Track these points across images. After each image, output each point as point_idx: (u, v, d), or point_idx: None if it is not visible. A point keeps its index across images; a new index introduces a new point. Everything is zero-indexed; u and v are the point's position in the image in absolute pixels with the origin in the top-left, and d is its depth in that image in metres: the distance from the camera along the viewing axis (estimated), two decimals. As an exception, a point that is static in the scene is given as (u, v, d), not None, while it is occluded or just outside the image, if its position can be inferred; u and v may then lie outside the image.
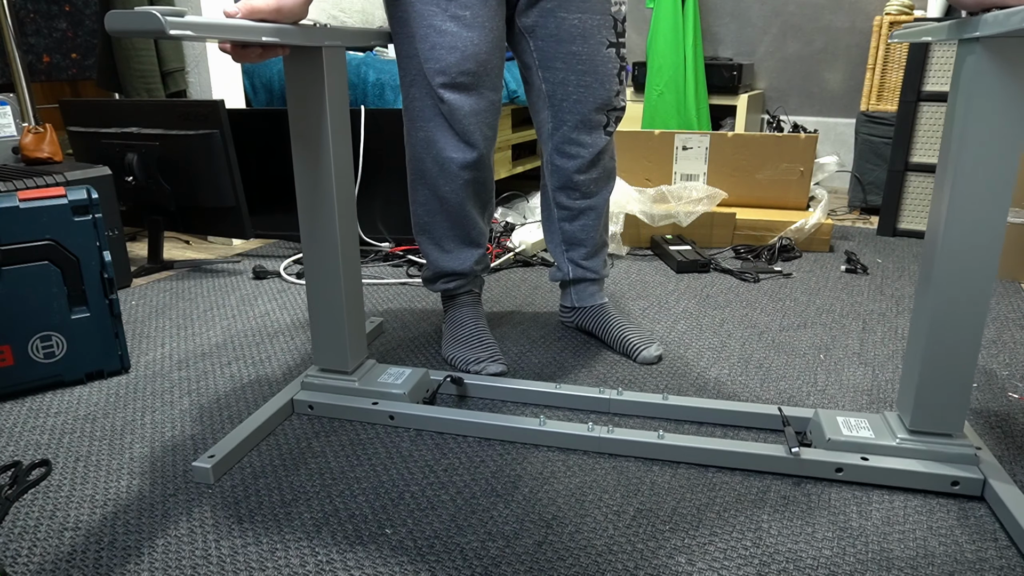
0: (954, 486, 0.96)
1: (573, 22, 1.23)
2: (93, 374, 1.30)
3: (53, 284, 1.22)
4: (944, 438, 0.99)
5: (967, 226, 0.89)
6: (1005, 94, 0.84)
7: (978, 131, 0.86)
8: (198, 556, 0.86)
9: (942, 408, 0.97)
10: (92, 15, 2.93)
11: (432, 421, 1.13)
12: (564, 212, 1.39)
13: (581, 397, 1.19)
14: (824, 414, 1.07)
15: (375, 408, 1.15)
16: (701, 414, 1.16)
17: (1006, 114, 0.85)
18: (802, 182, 2.18)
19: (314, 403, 1.18)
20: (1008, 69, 0.83)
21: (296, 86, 1.04)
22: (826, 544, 0.87)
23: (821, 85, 3.11)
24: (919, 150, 2.18)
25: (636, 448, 1.05)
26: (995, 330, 1.51)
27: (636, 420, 1.17)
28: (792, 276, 1.86)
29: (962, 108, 0.86)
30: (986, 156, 0.87)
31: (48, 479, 1.01)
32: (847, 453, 1.00)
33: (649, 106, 3.04)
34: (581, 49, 1.24)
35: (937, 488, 0.97)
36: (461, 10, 1.15)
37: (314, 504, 0.95)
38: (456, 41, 1.16)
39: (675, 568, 0.83)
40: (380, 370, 1.24)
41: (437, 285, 1.41)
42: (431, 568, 0.84)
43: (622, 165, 2.30)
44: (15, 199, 1.18)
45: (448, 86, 1.18)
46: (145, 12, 0.79)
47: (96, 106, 1.93)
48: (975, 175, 0.88)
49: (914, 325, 0.99)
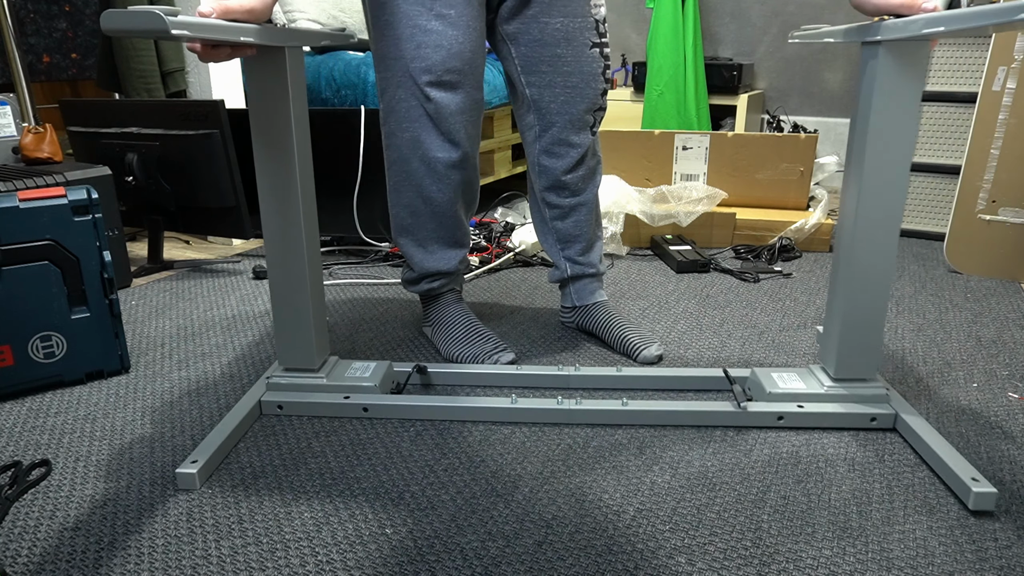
0: (872, 421, 1.13)
1: (556, 26, 1.25)
2: (93, 374, 1.30)
3: (53, 284, 1.22)
4: (862, 383, 1.16)
5: (874, 201, 1.06)
6: (902, 87, 1.00)
7: (881, 119, 1.02)
8: (198, 556, 0.86)
9: (859, 358, 1.14)
10: (92, 15, 2.93)
11: (406, 410, 1.16)
12: (555, 211, 1.41)
13: (542, 376, 1.26)
14: (760, 371, 1.21)
15: (347, 402, 1.17)
16: (654, 382, 1.26)
17: (903, 104, 1.01)
18: (802, 182, 2.18)
19: (283, 403, 1.17)
20: (905, 67, 1.00)
21: (259, 86, 1.05)
22: (826, 544, 0.87)
23: (821, 85, 3.11)
24: (919, 150, 2.17)
25: (604, 416, 1.14)
26: (995, 330, 1.51)
27: (597, 392, 1.25)
28: (792, 276, 1.86)
29: (867, 100, 1.02)
30: (888, 140, 1.03)
31: (48, 479, 1.01)
32: (785, 403, 1.14)
33: (649, 106, 3.03)
34: (566, 52, 1.27)
35: (859, 425, 1.12)
36: (446, 9, 1.17)
37: (314, 504, 0.95)
38: (442, 39, 1.17)
39: (675, 568, 0.83)
40: (345, 366, 1.25)
41: (420, 286, 1.41)
42: (431, 568, 0.84)
43: (622, 165, 2.30)
44: (15, 199, 1.18)
45: (435, 84, 1.19)
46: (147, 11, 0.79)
47: (96, 106, 1.93)
48: (880, 158, 1.04)
49: (832, 291, 1.15)
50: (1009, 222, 1.83)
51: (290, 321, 1.16)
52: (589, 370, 1.26)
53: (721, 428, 1.13)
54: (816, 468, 1.02)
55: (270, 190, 1.10)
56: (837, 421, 1.12)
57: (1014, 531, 0.90)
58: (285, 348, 1.19)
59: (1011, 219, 1.83)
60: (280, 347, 1.19)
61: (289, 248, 1.12)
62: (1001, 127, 1.81)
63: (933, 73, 2.11)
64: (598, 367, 1.27)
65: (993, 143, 1.83)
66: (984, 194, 1.85)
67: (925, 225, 2.21)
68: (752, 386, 1.21)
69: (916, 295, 1.72)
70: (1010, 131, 1.81)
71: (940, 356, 1.39)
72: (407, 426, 1.14)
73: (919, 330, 1.51)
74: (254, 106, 1.06)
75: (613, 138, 2.28)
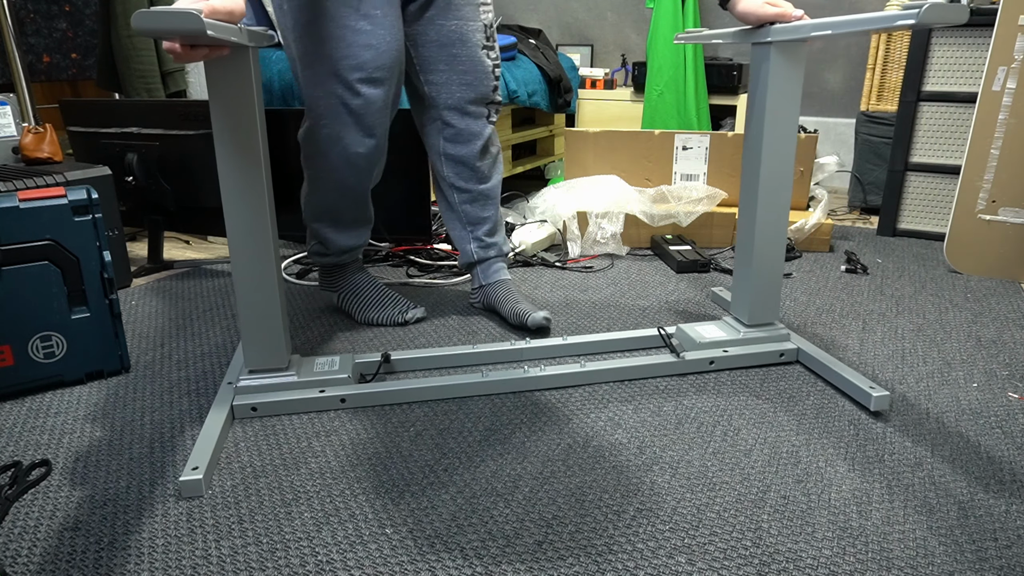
0: (781, 356, 1.34)
1: (452, 27, 1.38)
2: (93, 374, 1.30)
3: (53, 284, 1.22)
4: (770, 327, 1.37)
5: (770, 172, 1.27)
6: (789, 77, 1.23)
7: (775, 101, 1.24)
8: (198, 556, 0.86)
9: (765, 306, 1.36)
10: (92, 15, 2.93)
11: (385, 395, 1.21)
12: (465, 195, 1.52)
13: (497, 351, 1.36)
14: (686, 327, 1.40)
15: (324, 395, 1.19)
16: (599, 346, 1.41)
17: (790, 89, 1.24)
18: (802, 182, 2.18)
19: (256, 404, 1.18)
20: (790, 61, 1.22)
21: (223, 86, 1.04)
22: (826, 544, 0.87)
23: (821, 85, 3.11)
24: (919, 150, 2.18)
25: (567, 379, 1.26)
26: (995, 330, 1.51)
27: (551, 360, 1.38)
28: (792, 276, 1.86)
29: (763, 87, 1.24)
30: (779, 119, 1.25)
31: (48, 479, 1.01)
32: (713, 349, 1.33)
33: (649, 106, 3.04)
34: (461, 51, 1.40)
35: (771, 361, 1.34)
36: (372, 9, 1.26)
37: (314, 504, 0.95)
38: (371, 39, 1.26)
39: (675, 568, 0.83)
40: (310, 362, 1.27)
41: (329, 259, 1.52)
42: (431, 568, 0.84)
43: (622, 165, 2.30)
44: (15, 199, 1.18)
45: (365, 81, 1.28)
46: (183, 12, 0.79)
47: (96, 106, 1.93)
48: (773, 135, 1.25)
49: (740, 251, 1.36)
50: (1009, 222, 1.83)
51: (259, 323, 1.17)
52: (539, 342, 1.39)
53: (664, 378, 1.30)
54: (816, 468, 1.02)
55: (237, 192, 1.09)
56: (754, 360, 1.33)
57: (1014, 531, 0.90)
58: (253, 350, 1.19)
59: (1011, 219, 1.83)
60: (248, 350, 1.19)
61: (257, 249, 1.13)
62: (1001, 127, 1.81)
63: (933, 73, 2.11)
64: (547, 339, 1.41)
65: (993, 143, 1.83)
66: (984, 194, 1.85)
67: (925, 225, 2.21)
68: (683, 340, 1.39)
69: (916, 295, 1.72)
70: (1010, 131, 1.81)
71: (940, 356, 1.39)
72: (407, 426, 1.14)
73: (919, 330, 1.51)
74: (221, 107, 1.05)
75: (613, 138, 2.28)
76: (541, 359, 1.38)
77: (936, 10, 0.90)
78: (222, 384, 1.23)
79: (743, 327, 1.36)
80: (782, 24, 1.18)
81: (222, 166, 1.08)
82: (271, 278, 1.15)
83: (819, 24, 1.09)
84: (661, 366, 1.30)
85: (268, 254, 1.13)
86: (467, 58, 1.41)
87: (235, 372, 1.27)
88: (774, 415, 1.17)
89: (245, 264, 1.13)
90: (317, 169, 1.38)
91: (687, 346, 1.36)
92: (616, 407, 1.20)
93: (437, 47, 1.39)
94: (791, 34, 1.16)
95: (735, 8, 1.25)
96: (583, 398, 1.23)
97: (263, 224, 1.11)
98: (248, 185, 1.09)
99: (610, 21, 3.44)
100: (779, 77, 1.22)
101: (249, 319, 1.17)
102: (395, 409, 1.20)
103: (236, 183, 1.09)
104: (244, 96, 1.05)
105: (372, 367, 1.32)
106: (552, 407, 1.20)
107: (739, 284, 1.37)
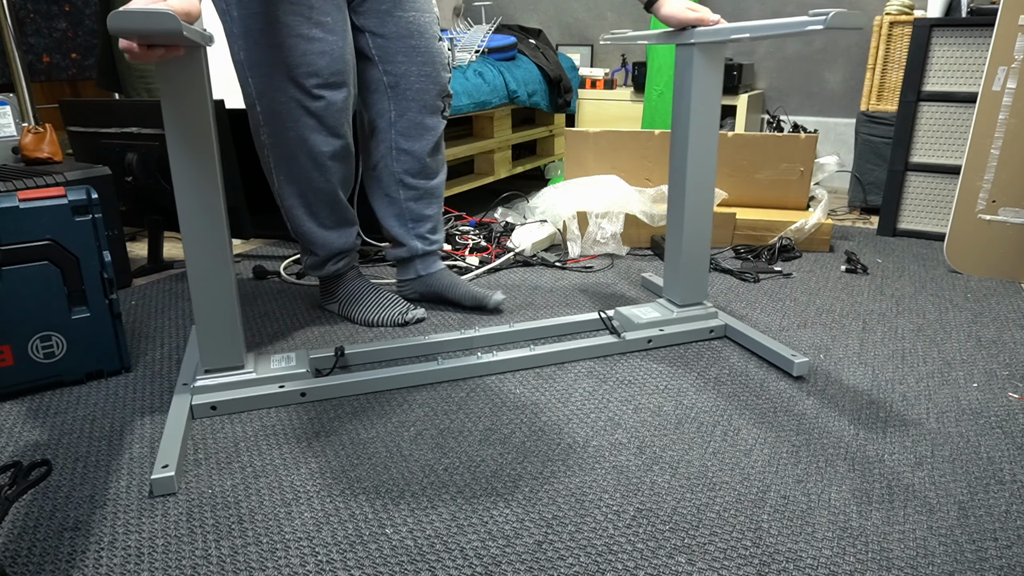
0: (711, 332, 1.46)
1: (409, 19, 1.41)
2: (93, 374, 1.30)
3: (53, 284, 1.22)
4: (699, 306, 1.50)
5: (696, 164, 1.39)
6: (710, 75, 1.36)
7: (699, 98, 1.36)
8: (198, 556, 0.86)
9: (695, 288, 1.48)
10: (92, 15, 2.93)
11: (345, 387, 1.24)
12: (412, 192, 1.54)
13: (448, 341, 1.42)
14: (623, 310, 1.51)
15: (284, 391, 1.21)
16: (545, 331, 1.49)
17: (712, 86, 1.36)
18: (802, 182, 2.18)
19: (216, 403, 1.18)
20: (711, 61, 1.35)
21: (176, 86, 1.05)
22: (826, 544, 0.87)
23: (821, 85, 3.11)
24: (919, 150, 2.18)
25: (519, 363, 1.33)
26: (995, 330, 1.51)
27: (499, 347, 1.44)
28: (792, 276, 1.86)
29: (688, 84, 1.36)
30: (704, 113, 1.37)
31: (48, 479, 1.01)
32: (650, 329, 1.44)
33: (649, 106, 3.03)
34: (420, 43, 1.43)
35: (703, 337, 1.46)
36: (323, 16, 1.28)
37: (314, 504, 0.95)
38: (325, 46, 1.30)
39: (675, 568, 0.83)
40: (265, 359, 1.29)
41: (327, 268, 1.53)
42: (431, 568, 0.84)
43: (622, 165, 2.30)
44: (15, 199, 1.18)
45: (323, 86, 1.31)
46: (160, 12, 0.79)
47: (96, 106, 1.93)
48: (699, 130, 1.37)
49: (670, 239, 1.47)
50: (1009, 222, 1.83)
51: (216, 323, 1.18)
52: (488, 330, 1.45)
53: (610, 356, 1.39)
54: (816, 468, 1.02)
55: (191, 192, 1.10)
56: (687, 337, 1.45)
57: (1014, 531, 0.90)
58: (210, 350, 1.20)
59: (1011, 219, 1.83)
60: (205, 350, 1.20)
61: (214, 249, 1.14)
62: (1001, 127, 1.81)
63: (933, 73, 2.11)
64: (494, 327, 1.47)
65: (993, 143, 1.83)
66: (984, 194, 1.85)
67: (925, 225, 2.21)
68: (623, 321, 1.49)
69: (916, 295, 1.72)
70: (1010, 131, 1.81)
71: (940, 356, 1.39)
72: (407, 426, 1.15)
73: (919, 330, 1.51)
74: (174, 107, 1.05)
75: (613, 138, 2.28)
76: (491, 345, 1.44)
77: (840, 17, 1.02)
78: (177, 386, 1.23)
79: (676, 307, 1.49)
80: (704, 27, 1.30)
81: (175, 166, 1.08)
82: (226, 278, 1.16)
83: (737, 28, 1.22)
84: (605, 347, 1.39)
85: (223, 254, 1.15)
86: (426, 49, 1.44)
87: (188, 374, 1.27)
88: (774, 415, 1.17)
89: (200, 264, 1.15)
90: (287, 175, 1.39)
91: (627, 327, 1.47)
92: (616, 407, 1.20)
93: (396, 38, 1.42)
94: (712, 36, 1.28)
95: (659, 11, 1.35)
96: (584, 396, 1.23)
97: (218, 224, 1.13)
98: (202, 185, 1.10)
99: (610, 21, 3.44)
100: (702, 75, 1.34)
101: (205, 319, 1.18)
102: (395, 409, 1.20)
103: (190, 183, 1.10)
104: (197, 95, 1.06)
105: (326, 362, 1.34)
106: (553, 404, 1.20)
107: (671, 269, 1.49)
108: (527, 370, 1.33)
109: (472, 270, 1.88)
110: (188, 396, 1.19)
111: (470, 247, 2.01)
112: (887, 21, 2.49)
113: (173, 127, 1.06)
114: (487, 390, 1.26)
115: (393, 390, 1.26)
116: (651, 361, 1.36)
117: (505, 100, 2.45)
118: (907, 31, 2.46)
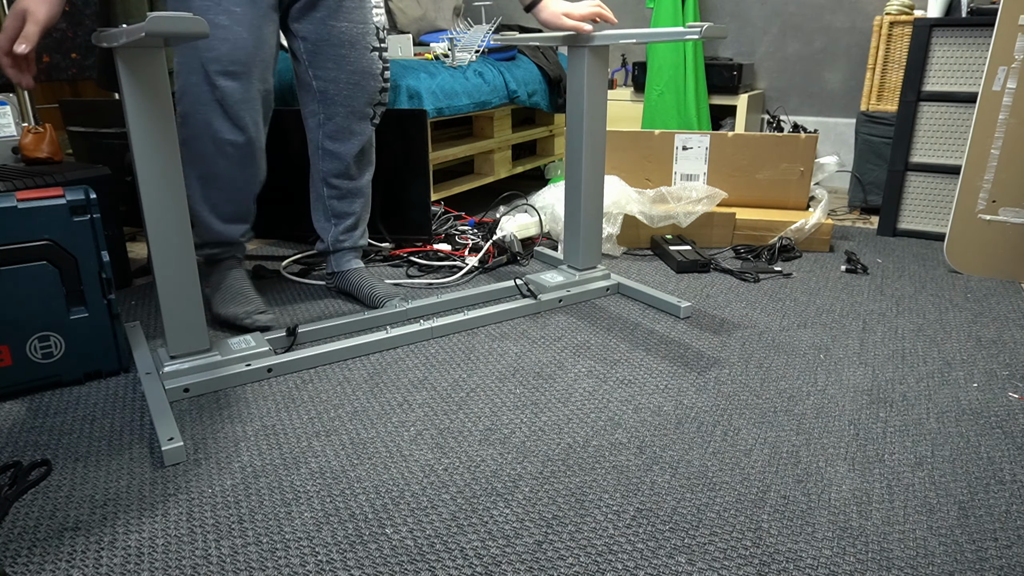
0: (607, 291, 1.73)
1: (342, 29, 1.46)
2: (91, 374, 1.30)
3: (51, 284, 1.22)
4: (595, 270, 1.74)
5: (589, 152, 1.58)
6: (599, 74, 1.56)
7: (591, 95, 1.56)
8: (198, 556, 0.86)
9: (591, 254, 1.73)
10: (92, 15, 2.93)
11: (306, 360, 1.34)
12: (334, 191, 1.62)
13: (387, 315, 1.54)
14: (533, 276, 1.71)
15: (251, 368, 1.29)
16: (472, 299, 1.67)
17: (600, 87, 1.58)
18: (802, 182, 2.18)
19: (188, 385, 1.24)
20: (600, 62, 1.55)
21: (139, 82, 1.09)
22: (826, 544, 0.87)
23: (821, 85, 3.11)
24: (919, 150, 2.17)
25: (457, 326, 1.50)
26: (995, 330, 1.51)
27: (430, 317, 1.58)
28: (792, 276, 1.86)
29: (581, 83, 1.56)
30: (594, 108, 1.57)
31: (48, 479, 1.01)
32: (559, 291, 1.67)
33: (649, 106, 3.03)
34: (350, 53, 1.48)
35: (600, 296, 1.71)
36: (233, 7, 1.33)
37: (314, 504, 0.95)
38: (227, 34, 1.33)
39: (675, 568, 0.83)
40: (224, 344, 1.34)
41: (204, 251, 1.56)
42: (431, 568, 0.84)
43: (622, 165, 2.30)
44: (13, 199, 1.18)
45: (221, 73, 1.35)
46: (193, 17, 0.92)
47: (96, 106, 1.93)
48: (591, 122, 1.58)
49: (568, 218, 1.71)
50: (1009, 222, 1.83)
51: (182, 310, 1.23)
52: (420, 301, 1.60)
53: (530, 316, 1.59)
54: (816, 468, 1.02)
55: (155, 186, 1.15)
56: (590, 295, 1.69)
57: (1014, 531, 0.90)
58: (176, 336, 1.24)
59: (1011, 219, 1.83)
60: (171, 336, 1.24)
61: (178, 238, 1.19)
62: (1001, 127, 1.81)
63: (933, 73, 2.11)
64: (427, 299, 1.61)
65: (993, 143, 1.83)
66: (984, 194, 1.85)
67: (925, 225, 2.21)
68: (536, 287, 1.68)
69: (916, 295, 1.72)
70: (1010, 131, 1.81)
71: (940, 356, 1.39)
72: (407, 426, 1.14)
73: (919, 330, 1.51)
74: (134, 103, 1.10)
75: (613, 138, 2.28)
76: (429, 314, 1.59)
77: (713, 30, 1.25)
78: (140, 376, 1.27)
79: (577, 271, 1.72)
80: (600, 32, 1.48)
81: (139, 158, 1.13)
82: (191, 266, 1.22)
83: (625, 34, 1.43)
84: (527, 307, 1.59)
85: (186, 243, 1.20)
86: (356, 59, 1.49)
87: (146, 364, 1.32)
88: (774, 415, 1.17)
89: (165, 254, 1.19)
90: (193, 154, 1.43)
91: (539, 291, 1.66)
92: (616, 407, 1.20)
93: (327, 46, 1.47)
94: (602, 40, 1.49)
95: (539, 16, 1.46)
96: (583, 396, 1.23)
97: (181, 215, 1.18)
98: (166, 179, 1.16)
99: (610, 21, 3.43)
100: (593, 74, 1.55)
101: (171, 308, 1.22)
102: (395, 409, 1.20)
103: (153, 176, 1.15)
104: (160, 88, 1.11)
105: (280, 342, 1.43)
106: (553, 404, 1.20)
107: (570, 240, 1.73)
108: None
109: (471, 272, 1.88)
110: (158, 381, 1.24)
111: (469, 247, 2.01)
112: (887, 21, 2.49)
113: (138, 120, 1.12)
114: (487, 390, 1.26)
115: (389, 386, 1.26)
116: (617, 340, 1.36)
117: (505, 100, 2.45)
118: (907, 31, 2.46)
